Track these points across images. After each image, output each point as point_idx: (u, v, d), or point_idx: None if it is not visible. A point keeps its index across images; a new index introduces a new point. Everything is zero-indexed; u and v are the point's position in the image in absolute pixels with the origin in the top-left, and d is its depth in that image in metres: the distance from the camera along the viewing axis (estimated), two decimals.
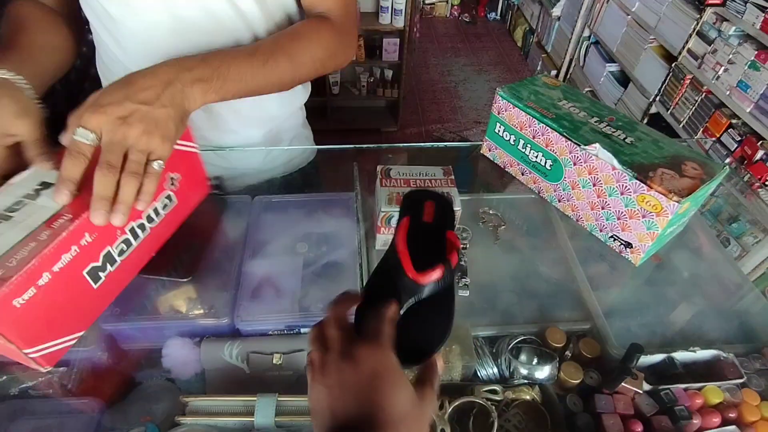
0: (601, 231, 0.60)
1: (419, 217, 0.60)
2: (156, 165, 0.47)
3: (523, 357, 0.61)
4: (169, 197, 0.56)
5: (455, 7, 3.96)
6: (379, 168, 0.72)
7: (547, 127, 0.60)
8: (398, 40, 2.30)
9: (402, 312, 0.48)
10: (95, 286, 0.51)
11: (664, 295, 0.68)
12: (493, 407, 0.56)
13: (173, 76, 0.49)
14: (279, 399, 0.52)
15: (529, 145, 0.64)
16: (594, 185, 0.57)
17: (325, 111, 2.56)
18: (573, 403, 0.58)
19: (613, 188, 0.55)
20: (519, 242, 0.77)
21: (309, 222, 0.70)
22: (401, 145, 0.81)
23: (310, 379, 0.38)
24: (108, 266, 0.51)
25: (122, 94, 0.46)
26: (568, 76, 2.83)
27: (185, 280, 0.62)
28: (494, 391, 0.59)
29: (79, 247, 0.47)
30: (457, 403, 0.56)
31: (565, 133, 0.58)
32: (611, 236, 0.59)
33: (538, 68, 3.16)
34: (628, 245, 0.57)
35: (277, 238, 0.68)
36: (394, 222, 0.68)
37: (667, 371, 0.59)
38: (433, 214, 0.60)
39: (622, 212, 0.56)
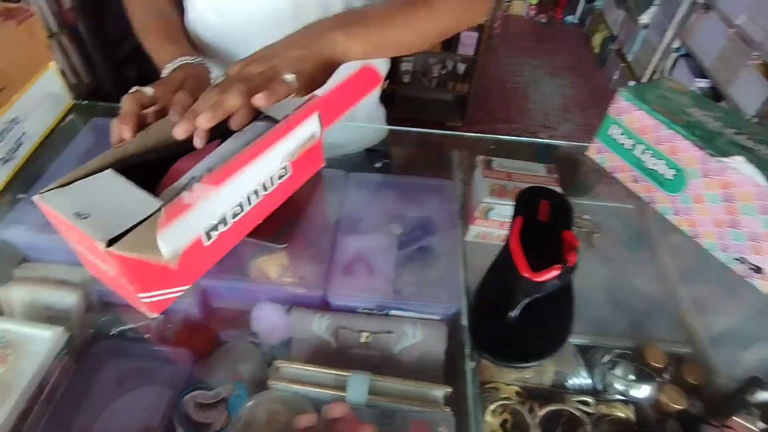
0: (723, 251, 0.56)
1: (534, 216, 0.58)
2: (289, 77, 0.47)
3: (618, 371, 0.58)
4: (285, 167, 0.57)
5: (532, 6, 3.84)
6: (479, 158, 0.70)
7: (677, 134, 0.56)
8: (477, 34, 2.25)
9: (517, 312, 0.47)
10: (206, 244, 0.52)
11: None
12: (587, 418, 0.53)
13: (312, 27, 0.51)
14: (372, 378, 0.52)
15: (649, 152, 0.60)
16: (725, 201, 0.53)
17: (393, 99, 2.55)
18: (673, 430, 0.54)
19: (752, 206, 0.50)
20: (614, 252, 0.73)
21: (403, 204, 0.69)
22: (499, 137, 0.78)
23: None
24: (221, 226, 0.52)
25: (263, 51, 0.49)
26: None
27: (281, 246, 0.63)
28: (586, 403, 0.56)
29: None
30: (548, 410, 0.54)
31: (698, 142, 0.54)
32: (737, 258, 0.54)
33: (615, 77, 3.02)
34: (758, 270, 0.53)
35: (371, 217, 0.68)
36: (493, 215, 0.66)
37: None
38: (549, 212, 0.58)
39: (757, 234, 0.51)
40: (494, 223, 0.68)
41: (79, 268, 0.61)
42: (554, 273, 0.47)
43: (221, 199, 0.48)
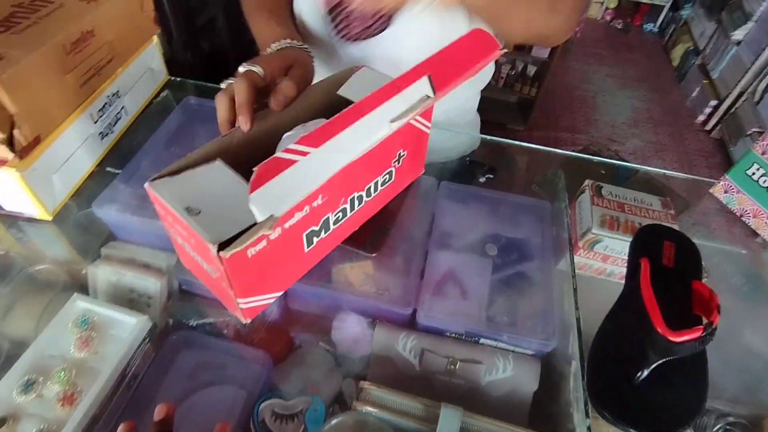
0: None
1: (658, 259, 0.52)
2: None
3: None
4: (390, 173, 0.53)
5: (609, 11, 3.63)
6: (588, 182, 0.64)
7: None
8: None
9: (646, 372, 0.41)
10: (306, 250, 0.49)
11: None
12: None
13: None
14: (464, 414, 0.48)
15: None
16: None
17: None
18: None
19: None
20: (727, 303, 0.65)
21: (499, 222, 0.64)
22: (610, 161, 0.72)
23: None
24: (322, 232, 0.49)
25: None
26: (733, 110, 2.49)
27: (371, 255, 0.59)
28: None
29: (310, 209, 0.44)
30: None
31: None
32: None
33: (694, 94, 2.82)
34: None
35: (465, 233, 0.63)
36: (599, 247, 0.60)
37: None
38: (674, 257, 0.52)
39: None
40: (597, 255, 0.62)
41: (165, 253, 0.60)
42: (695, 335, 0.41)
43: (321, 162, 0.41)
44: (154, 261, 0.59)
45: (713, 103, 2.62)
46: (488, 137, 0.82)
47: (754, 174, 0.57)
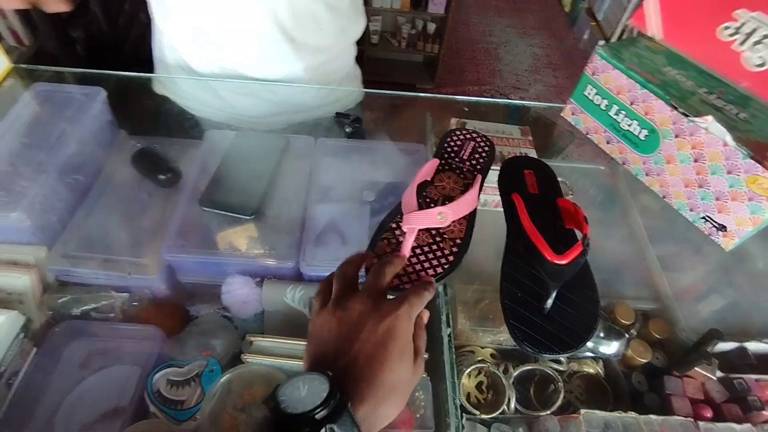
0: (691, 210, 0.57)
1: (524, 189, 0.56)
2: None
3: None
4: None
5: None
6: (453, 120, 0.68)
7: (650, 94, 0.55)
8: None
9: (551, 301, 0.44)
10: None
11: (743, 284, 0.65)
12: (559, 377, 0.55)
13: None
14: None
15: (623, 112, 0.59)
16: (695, 161, 0.53)
17: (361, 61, 2.46)
18: (638, 382, 0.57)
19: (719, 166, 0.51)
20: (587, 213, 0.73)
21: (375, 169, 0.67)
22: (474, 98, 0.76)
23: (319, 305, 0.37)
24: None
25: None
26: None
27: (249, 217, 0.60)
28: (558, 361, 0.58)
29: None
30: (521, 370, 0.55)
31: (671, 102, 0.54)
32: (703, 217, 0.55)
33: (586, 36, 3.01)
34: (722, 228, 0.54)
35: (342, 184, 0.65)
36: None
37: (739, 361, 0.57)
38: (536, 183, 0.57)
39: (723, 193, 0.52)
40: None
41: (31, 247, 0.57)
42: (578, 251, 0.44)
43: None
44: (20, 257, 0.56)
45: (602, 43, 2.79)
46: (370, 90, 0.84)
47: (589, 94, 0.63)
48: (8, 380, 0.50)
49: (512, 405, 0.53)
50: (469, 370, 0.54)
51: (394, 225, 0.48)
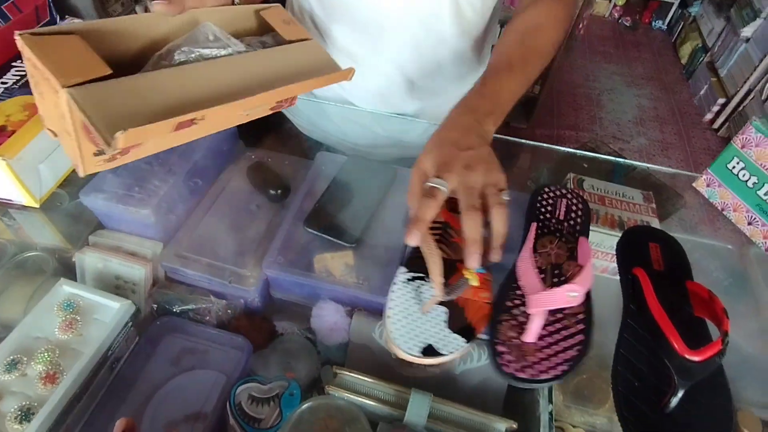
0: None
1: (648, 265, 0.51)
2: (506, 195, 0.47)
3: None
4: None
5: (617, 7, 3.60)
6: (570, 175, 0.65)
7: None
8: None
9: (677, 400, 0.39)
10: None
11: None
12: None
13: (471, 121, 0.52)
14: (433, 401, 0.49)
15: None
16: None
17: None
18: None
19: None
20: None
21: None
22: (594, 155, 0.72)
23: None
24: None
25: (449, 149, 0.49)
26: (741, 108, 2.46)
27: (350, 245, 0.60)
28: None
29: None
30: None
31: None
32: None
33: (702, 92, 2.79)
34: None
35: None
36: None
37: None
38: (662, 259, 0.52)
39: None
40: None
41: (151, 242, 0.61)
42: (716, 349, 0.40)
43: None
44: (140, 249, 0.60)
45: (721, 101, 2.58)
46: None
47: (734, 168, 0.57)
48: (112, 364, 0.53)
49: None
50: None
51: (510, 304, 0.46)
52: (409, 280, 0.50)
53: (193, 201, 0.66)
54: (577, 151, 0.72)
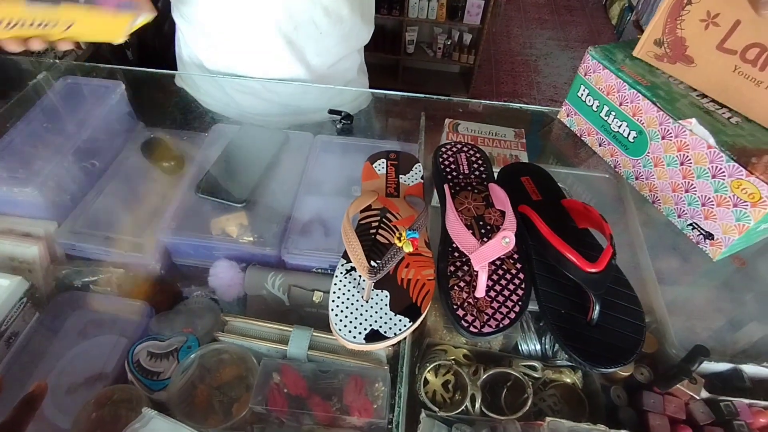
0: (679, 217, 0.54)
1: (527, 197, 0.56)
2: None
3: None
4: None
5: None
6: (447, 121, 0.69)
7: (638, 94, 0.54)
8: (483, 2, 2.18)
9: (597, 310, 0.43)
10: None
11: (740, 301, 0.61)
12: (530, 383, 0.54)
13: None
14: (314, 334, 0.52)
15: (613, 113, 0.58)
16: (681, 164, 0.51)
17: (396, 70, 2.51)
18: (617, 396, 0.54)
19: (704, 169, 0.49)
20: None
21: None
22: (470, 100, 0.76)
23: None
24: None
25: None
26: None
27: (240, 205, 0.63)
28: (533, 368, 0.56)
29: None
30: (491, 372, 0.54)
31: (658, 103, 0.52)
32: (690, 224, 0.53)
33: None
34: (709, 236, 0.51)
35: (333, 179, 0.67)
36: None
37: (731, 383, 0.54)
38: (536, 189, 0.57)
39: (708, 198, 0.49)
40: None
41: (43, 221, 0.63)
42: (609, 253, 0.43)
43: None
44: (33, 230, 0.62)
45: None
46: (378, 91, 0.85)
47: (581, 95, 0.62)
48: (8, 340, 0.55)
49: (477, 406, 0.52)
50: (431, 366, 0.53)
51: (453, 268, 0.48)
52: (348, 271, 0.50)
53: (91, 181, 0.67)
54: (453, 98, 0.77)
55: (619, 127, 0.58)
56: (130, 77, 0.78)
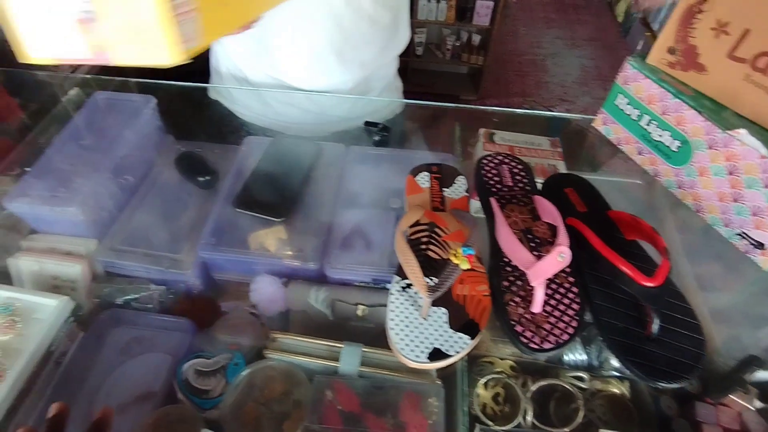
0: (726, 226, 0.54)
1: (574, 210, 0.56)
2: None
3: None
4: None
5: None
6: (482, 131, 0.69)
7: (683, 104, 0.54)
8: (492, 3, 2.17)
9: (657, 325, 0.43)
10: None
11: None
12: (580, 394, 0.53)
13: None
14: (364, 350, 0.52)
15: (655, 122, 0.58)
16: (729, 174, 0.51)
17: (405, 72, 2.50)
18: (667, 406, 0.54)
19: (755, 179, 0.48)
20: None
21: (402, 177, 0.69)
22: (503, 109, 0.76)
23: None
24: None
25: None
26: None
27: (279, 220, 0.63)
28: (580, 378, 0.56)
29: None
30: (540, 384, 0.54)
31: (703, 113, 0.52)
32: (739, 233, 0.53)
33: (639, 48, 2.89)
34: (760, 246, 0.51)
35: (370, 191, 0.67)
36: None
37: None
38: (580, 200, 0.56)
39: (760, 208, 0.49)
40: None
41: (84, 240, 0.63)
42: (666, 267, 0.43)
43: None
44: (74, 248, 0.62)
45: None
46: (412, 101, 0.85)
47: (620, 103, 0.62)
48: (57, 360, 0.55)
49: (528, 419, 0.52)
50: (484, 380, 0.53)
51: (506, 283, 0.48)
52: (403, 288, 0.49)
53: (125, 196, 0.67)
54: (492, 108, 0.77)
55: (661, 136, 0.58)
56: (159, 91, 0.78)
